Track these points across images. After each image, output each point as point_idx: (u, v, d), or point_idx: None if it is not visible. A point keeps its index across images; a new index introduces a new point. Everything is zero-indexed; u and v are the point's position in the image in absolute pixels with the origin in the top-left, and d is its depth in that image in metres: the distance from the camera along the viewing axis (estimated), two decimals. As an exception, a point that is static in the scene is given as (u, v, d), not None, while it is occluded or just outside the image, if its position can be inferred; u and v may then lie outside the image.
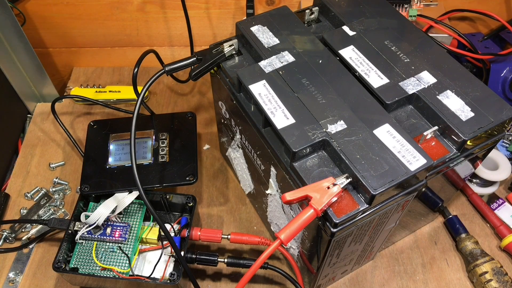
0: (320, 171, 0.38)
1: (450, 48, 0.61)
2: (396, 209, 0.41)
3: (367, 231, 0.42)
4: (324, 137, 0.38)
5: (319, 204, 0.34)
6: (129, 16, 0.72)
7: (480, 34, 0.70)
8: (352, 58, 0.44)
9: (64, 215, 0.59)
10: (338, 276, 0.52)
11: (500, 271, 0.51)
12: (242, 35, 0.47)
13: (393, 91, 0.41)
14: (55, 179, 0.62)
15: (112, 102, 0.71)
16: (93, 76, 0.77)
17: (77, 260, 0.50)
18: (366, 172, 0.35)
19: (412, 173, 0.35)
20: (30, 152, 0.66)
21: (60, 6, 0.70)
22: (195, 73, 0.45)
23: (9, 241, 0.56)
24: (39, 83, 0.70)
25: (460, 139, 0.38)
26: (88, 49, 0.77)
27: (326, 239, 0.38)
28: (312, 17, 0.51)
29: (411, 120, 0.41)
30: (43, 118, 0.70)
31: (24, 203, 0.60)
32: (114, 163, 0.56)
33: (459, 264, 0.55)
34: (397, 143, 0.37)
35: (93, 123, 0.61)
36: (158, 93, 0.75)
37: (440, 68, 0.43)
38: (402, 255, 0.56)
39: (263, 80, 0.42)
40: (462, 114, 0.39)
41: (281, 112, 0.39)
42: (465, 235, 0.55)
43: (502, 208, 0.59)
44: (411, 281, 0.54)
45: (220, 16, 0.73)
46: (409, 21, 0.49)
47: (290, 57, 0.44)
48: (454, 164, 0.41)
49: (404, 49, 0.45)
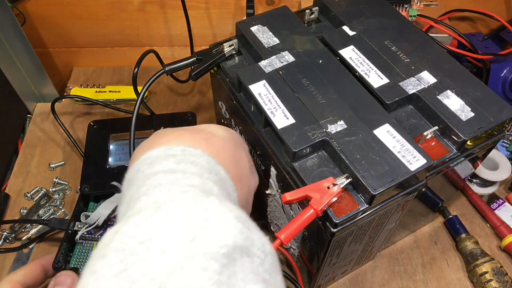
0: (320, 171, 0.38)
1: (450, 48, 0.61)
2: (396, 209, 0.41)
3: (367, 231, 0.42)
4: (324, 137, 0.38)
5: (319, 204, 0.34)
6: (129, 16, 0.72)
7: (480, 34, 0.70)
8: (352, 58, 0.44)
9: (64, 215, 0.59)
10: (338, 276, 0.52)
11: (500, 271, 0.51)
12: (242, 35, 0.47)
13: (393, 91, 0.41)
14: (55, 179, 0.62)
15: (112, 102, 0.71)
16: (93, 76, 0.77)
17: (77, 260, 0.50)
18: (366, 172, 0.35)
19: (412, 173, 0.35)
20: (30, 152, 0.66)
21: (60, 6, 0.70)
22: (195, 73, 0.45)
23: (9, 241, 0.56)
24: (39, 83, 0.70)
25: (460, 139, 0.38)
26: (88, 49, 0.77)
27: (326, 239, 0.38)
28: (312, 17, 0.50)
29: (411, 120, 0.41)
30: (43, 118, 0.70)
31: (24, 203, 0.60)
32: (114, 163, 0.56)
33: (459, 264, 0.55)
34: (397, 143, 0.37)
35: (93, 123, 0.61)
36: (158, 93, 0.75)
37: (440, 68, 0.43)
38: (402, 255, 0.56)
39: (263, 80, 0.42)
40: (462, 114, 0.39)
41: (281, 112, 0.39)
42: (465, 235, 0.55)
43: (502, 208, 0.59)
44: (411, 281, 0.54)
45: (220, 16, 0.73)
46: (409, 21, 0.49)
47: (290, 57, 0.44)
48: (454, 164, 0.41)
49: (404, 49, 0.45)
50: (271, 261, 0.25)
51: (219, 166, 0.32)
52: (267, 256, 0.25)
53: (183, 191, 0.27)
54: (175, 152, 0.30)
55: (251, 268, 0.23)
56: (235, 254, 0.23)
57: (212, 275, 0.21)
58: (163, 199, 0.26)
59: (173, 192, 0.27)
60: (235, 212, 0.25)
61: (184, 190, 0.27)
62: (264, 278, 0.23)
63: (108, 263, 0.22)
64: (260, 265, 0.24)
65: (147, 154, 0.31)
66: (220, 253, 0.22)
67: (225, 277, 0.21)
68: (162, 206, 0.25)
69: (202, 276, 0.21)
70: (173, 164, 0.29)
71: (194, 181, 0.28)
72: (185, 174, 0.29)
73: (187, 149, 0.31)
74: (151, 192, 0.27)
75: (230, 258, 0.22)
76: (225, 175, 0.32)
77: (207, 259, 0.21)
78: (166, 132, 0.34)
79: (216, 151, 0.33)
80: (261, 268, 0.24)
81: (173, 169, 0.29)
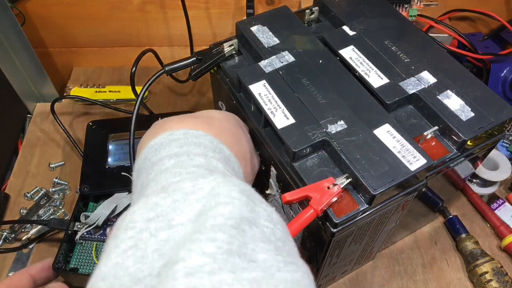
0: (320, 171, 0.38)
1: (450, 48, 0.61)
2: (396, 209, 0.41)
3: (367, 231, 0.41)
4: (324, 137, 0.37)
5: (319, 204, 0.34)
6: (129, 16, 0.72)
7: (480, 34, 0.70)
8: (352, 58, 0.44)
9: (64, 215, 0.59)
10: (338, 276, 0.52)
11: (500, 271, 0.51)
12: (242, 35, 0.47)
13: (393, 91, 0.41)
14: (55, 179, 0.62)
15: (112, 102, 0.71)
16: (93, 76, 0.77)
17: (77, 261, 0.49)
18: (366, 172, 0.35)
19: (412, 173, 0.35)
20: (30, 152, 0.66)
21: (60, 6, 0.70)
22: (195, 73, 0.45)
23: (9, 241, 0.56)
24: (39, 83, 0.70)
25: (460, 139, 0.38)
26: (88, 49, 0.77)
27: (326, 239, 0.38)
28: (312, 17, 0.50)
29: (411, 120, 0.41)
30: (43, 118, 0.70)
31: (24, 203, 0.60)
32: (114, 163, 0.56)
33: (459, 264, 0.55)
34: (397, 143, 0.37)
35: (92, 124, 0.61)
36: (158, 93, 0.75)
37: (440, 68, 0.43)
38: (402, 255, 0.56)
39: (263, 80, 0.42)
40: (462, 114, 0.39)
41: (281, 112, 0.39)
42: (465, 235, 0.55)
43: (502, 208, 0.59)
44: (411, 281, 0.54)
45: (220, 16, 0.73)
46: (409, 21, 0.49)
47: (290, 57, 0.44)
48: (454, 164, 0.41)
49: (404, 49, 0.45)
50: (281, 229, 0.26)
51: (222, 145, 0.33)
52: (277, 225, 0.25)
53: (189, 172, 0.28)
54: (177, 136, 0.31)
55: (262, 238, 0.23)
56: (243, 225, 0.23)
57: (221, 245, 0.21)
58: (170, 182, 0.27)
59: (179, 174, 0.28)
60: (240, 187, 0.26)
61: (190, 171, 0.28)
62: (277, 246, 0.24)
63: (119, 241, 0.23)
64: (272, 234, 0.24)
65: (151, 142, 0.32)
66: (227, 225, 0.22)
67: (235, 246, 0.22)
68: (169, 188, 0.25)
69: (211, 246, 0.21)
70: (176, 148, 0.30)
71: (199, 161, 0.29)
72: (189, 156, 0.29)
73: (189, 132, 0.32)
74: (158, 177, 0.28)
75: (238, 229, 0.23)
76: (229, 152, 0.33)
77: (215, 232, 0.22)
78: (166, 120, 0.35)
79: (217, 132, 0.34)
80: (273, 237, 0.24)
81: (177, 152, 0.30)
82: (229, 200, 0.24)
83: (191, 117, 0.35)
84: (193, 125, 0.33)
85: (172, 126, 0.33)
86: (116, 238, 0.23)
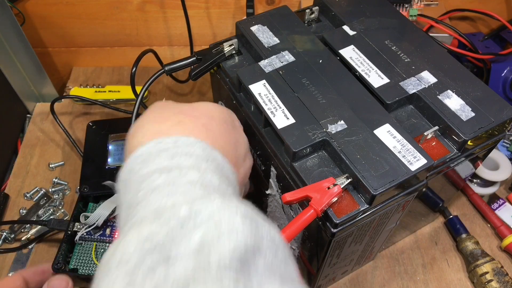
0: (320, 171, 0.38)
1: (450, 48, 0.61)
2: (396, 209, 0.41)
3: (367, 231, 0.41)
4: (324, 137, 0.37)
5: (319, 204, 0.34)
6: (128, 15, 0.72)
7: (480, 34, 0.70)
8: (352, 57, 0.44)
9: (63, 215, 0.59)
10: (338, 277, 0.52)
11: (500, 271, 0.51)
12: (242, 34, 0.47)
13: (393, 91, 0.41)
14: (55, 179, 0.62)
15: (112, 102, 0.71)
16: (92, 76, 0.77)
17: (77, 261, 0.49)
18: (366, 172, 0.35)
19: (413, 173, 0.35)
20: (29, 152, 0.66)
21: (59, 6, 0.69)
22: (195, 73, 0.45)
23: (8, 241, 0.56)
24: (38, 83, 0.70)
25: (460, 139, 0.38)
26: (87, 49, 0.77)
27: (326, 239, 0.37)
28: (312, 16, 0.50)
29: (412, 120, 0.41)
30: (43, 118, 0.70)
31: (23, 203, 0.60)
32: (114, 163, 0.56)
33: (459, 264, 0.55)
34: (397, 143, 0.37)
35: (92, 124, 0.61)
36: (158, 93, 0.75)
37: (440, 68, 0.43)
38: (403, 255, 0.56)
39: (263, 80, 0.42)
40: (462, 114, 0.39)
41: (281, 112, 0.39)
42: (465, 235, 0.55)
43: (503, 208, 0.59)
44: (412, 282, 0.54)
45: (220, 16, 0.73)
46: (409, 21, 0.49)
47: (290, 56, 0.44)
48: (454, 164, 0.41)
49: (405, 49, 0.45)
50: (283, 250, 0.24)
51: (215, 152, 0.31)
52: (279, 246, 0.24)
53: (183, 191, 0.26)
54: (166, 145, 0.29)
55: (265, 265, 0.22)
56: (247, 255, 0.22)
57: (228, 284, 0.20)
58: (163, 206, 0.25)
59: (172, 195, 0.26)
60: (241, 209, 0.24)
61: (183, 190, 0.26)
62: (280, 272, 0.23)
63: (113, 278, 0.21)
64: (274, 257, 0.23)
65: (138, 152, 0.29)
66: (234, 259, 0.21)
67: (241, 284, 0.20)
68: (163, 214, 0.24)
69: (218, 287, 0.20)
70: (167, 160, 0.28)
71: (192, 176, 0.27)
72: (181, 170, 0.27)
73: (179, 139, 0.30)
74: (149, 197, 0.26)
75: (243, 261, 0.21)
76: (222, 159, 0.31)
77: (221, 269, 0.21)
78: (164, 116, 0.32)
79: (215, 137, 0.32)
80: (276, 261, 0.23)
81: (167, 166, 0.28)
82: (232, 229, 0.23)
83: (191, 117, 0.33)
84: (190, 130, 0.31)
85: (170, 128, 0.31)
86: (109, 274, 0.21)
